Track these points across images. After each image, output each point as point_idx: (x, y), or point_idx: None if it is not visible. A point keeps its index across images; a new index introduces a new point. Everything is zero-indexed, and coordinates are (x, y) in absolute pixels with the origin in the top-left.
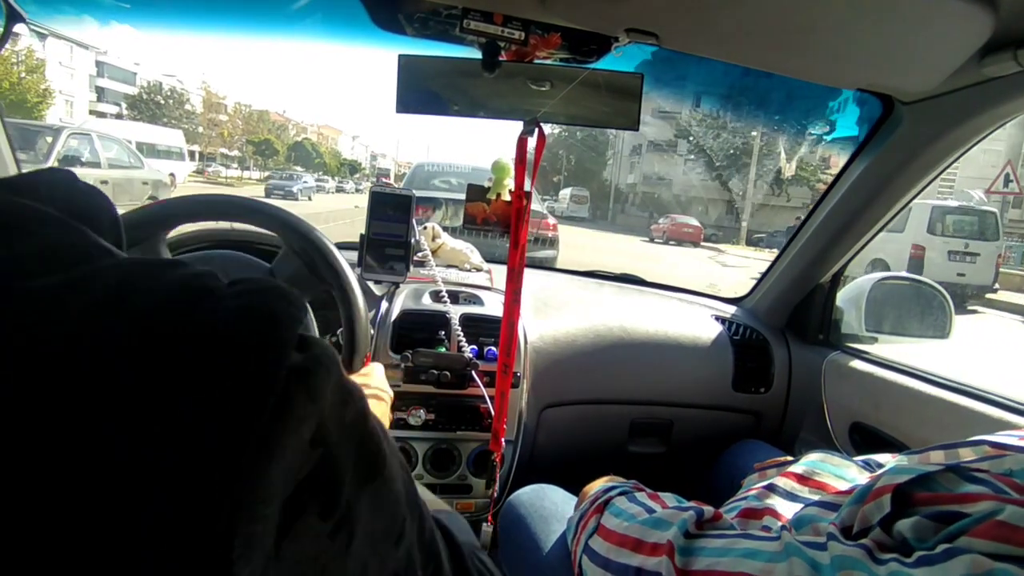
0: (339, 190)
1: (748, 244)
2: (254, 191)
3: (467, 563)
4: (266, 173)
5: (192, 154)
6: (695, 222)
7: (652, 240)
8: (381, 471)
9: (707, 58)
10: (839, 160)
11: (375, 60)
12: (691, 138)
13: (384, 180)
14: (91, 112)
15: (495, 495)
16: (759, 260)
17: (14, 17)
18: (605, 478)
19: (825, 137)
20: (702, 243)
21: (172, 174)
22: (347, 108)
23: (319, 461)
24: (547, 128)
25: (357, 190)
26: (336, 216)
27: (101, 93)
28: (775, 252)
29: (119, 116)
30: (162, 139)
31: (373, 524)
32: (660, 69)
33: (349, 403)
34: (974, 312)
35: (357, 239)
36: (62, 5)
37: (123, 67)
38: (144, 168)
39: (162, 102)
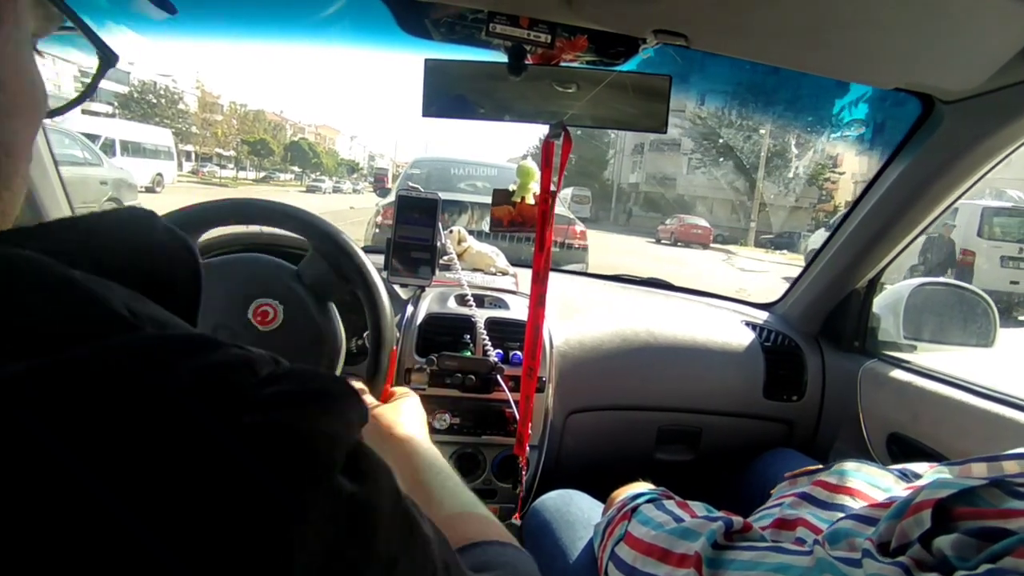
0: (336, 190)
1: (756, 245)
2: (249, 192)
3: None
4: (262, 173)
5: (188, 154)
6: (704, 223)
7: (659, 241)
8: None
9: (715, 54)
10: (845, 159)
11: (375, 60)
12: (695, 136)
13: (390, 180)
14: (83, 112)
15: (523, 494)
16: (788, 265)
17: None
18: (634, 484)
19: (831, 135)
20: (711, 245)
21: (159, 174)
22: (345, 108)
23: None
24: (545, 127)
25: (354, 190)
26: (329, 219)
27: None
28: (786, 253)
29: (111, 116)
30: (149, 138)
31: None
32: (662, 65)
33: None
34: None
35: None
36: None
37: (117, 66)
38: (104, 166)
39: (155, 101)
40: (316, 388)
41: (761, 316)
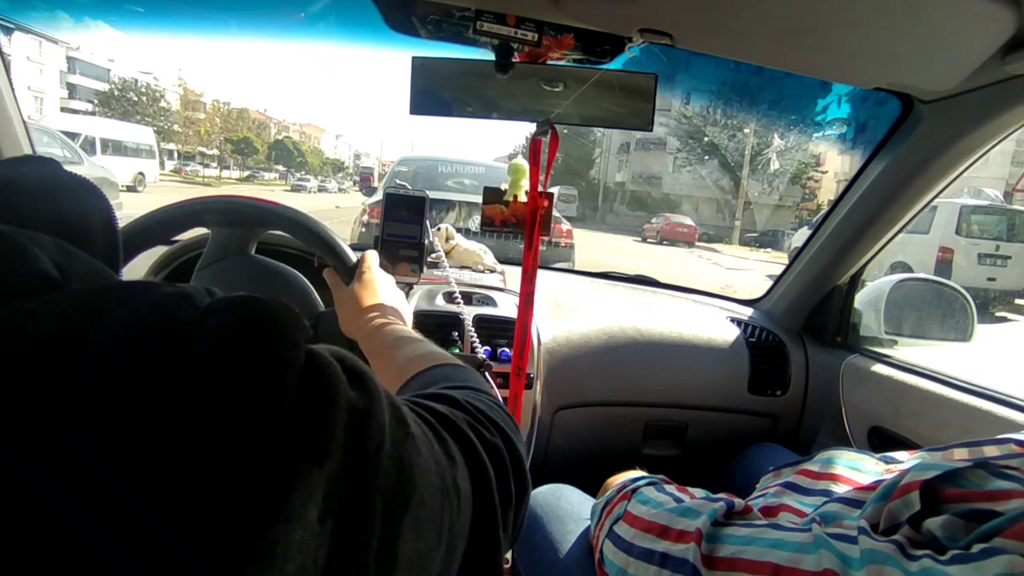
0: (321, 189)
1: (741, 243)
2: (231, 190)
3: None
4: (246, 172)
5: (170, 153)
6: (690, 221)
7: (644, 240)
8: (411, 496)
9: (700, 54)
10: (827, 158)
11: (361, 58)
12: (681, 135)
13: (382, 179)
14: (62, 109)
15: None
16: (772, 263)
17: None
18: (629, 471)
19: (815, 134)
20: (696, 243)
21: (141, 173)
22: (330, 106)
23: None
24: (531, 125)
25: (340, 189)
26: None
27: (73, 90)
28: (770, 251)
29: (92, 113)
30: (130, 136)
31: (416, 544)
32: (648, 64)
33: (367, 433)
34: (1003, 320)
35: None
36: (36, 1)
37: (96, 63)
38: (84, 164)
39: (135, 99)
40: (254, 309)
41: (746, 312)
